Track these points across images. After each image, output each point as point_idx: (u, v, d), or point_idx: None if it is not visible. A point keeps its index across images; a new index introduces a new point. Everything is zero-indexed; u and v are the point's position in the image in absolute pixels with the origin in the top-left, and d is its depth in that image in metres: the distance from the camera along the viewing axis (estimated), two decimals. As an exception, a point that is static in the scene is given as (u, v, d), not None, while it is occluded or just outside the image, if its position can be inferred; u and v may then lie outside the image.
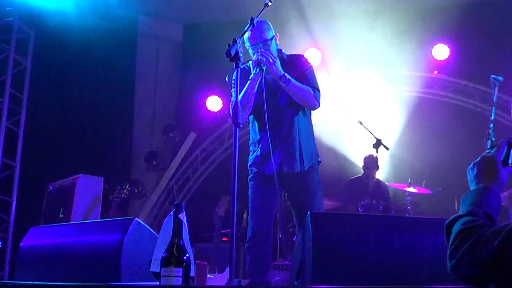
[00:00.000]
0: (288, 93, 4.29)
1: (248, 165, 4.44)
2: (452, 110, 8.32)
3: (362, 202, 6.76)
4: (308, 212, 2.78)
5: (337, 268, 2.71)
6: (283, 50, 4.51)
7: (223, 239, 6.89)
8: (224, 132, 9.14)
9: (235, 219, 3.28)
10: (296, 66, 4.41)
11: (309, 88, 4.29)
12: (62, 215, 6.33)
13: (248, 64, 4.42)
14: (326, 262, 2.70)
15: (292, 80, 4.19)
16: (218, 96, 9.17)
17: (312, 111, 4.50)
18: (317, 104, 4.34)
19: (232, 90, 4.36)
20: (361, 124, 6.69)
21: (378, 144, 6.56)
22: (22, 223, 7.54)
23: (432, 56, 8.45)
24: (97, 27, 8.61)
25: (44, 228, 3.43)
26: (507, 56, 7.83)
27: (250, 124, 4.50)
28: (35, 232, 3.40)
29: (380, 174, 6.58)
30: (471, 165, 1.93)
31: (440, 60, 8.45)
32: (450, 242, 1.72)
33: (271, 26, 4.39)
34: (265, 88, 4.29)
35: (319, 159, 4.45)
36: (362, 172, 7.65)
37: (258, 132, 4.38)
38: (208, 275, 5.80)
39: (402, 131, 7.87)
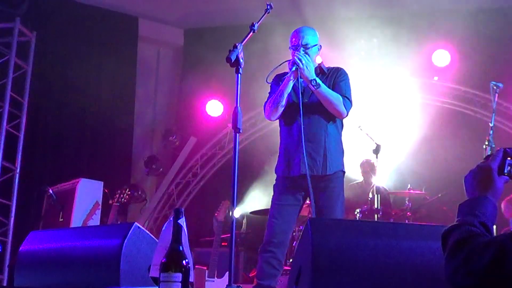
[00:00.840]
0: (317, 99, 4.36)
1: (275, 170, 4.53)
2: (452, 116, 8.33)
3: (361, 208, 6.76)
4: (308, 219, 2.79)
5: (336, 274, 2.70)
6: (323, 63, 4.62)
7: (223, 244, 6.90)
8: (224, 137, 9.15)
9: (234, 224, 3.29)
10: (332, 75, 4.51)
11: (339, 96, 4.36)
12: (62, 219, 6.32)
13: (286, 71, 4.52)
14: (325, 269, 2.70)
15: (322, 85, 4.29)
16: (219, 101, 9.19)
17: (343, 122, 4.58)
18: (345, 113, 4.41)
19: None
20: (361, 129, 6.69)
21: (378, 149, 6.56)
22: (21, 226, 7.54)
23: (433, 62, 8.46)
24: (98, 32, 8.64)
25: (44, 232, 3.43)
26: (508, 63, 7.85)
27: (280, 126, 4.58)
28: (34, 236, 3.40)
29: (380, 180, 6.57)
30: (467, 174, 1.93)
31: (440, 66, 8.47)
32: (446, 253, 1.72)
33: (317, 35, 4.52)
34: (297, 90, 4.41)
35: (344, 170, 4.46)
36: (361, 177, 7.67)
37: (285, 134, 4.46)
38: (207, 280, 5.82)
39: (402, 137, 7.87)
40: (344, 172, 4.49)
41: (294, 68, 4.28)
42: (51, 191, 6.61)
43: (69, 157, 8.28)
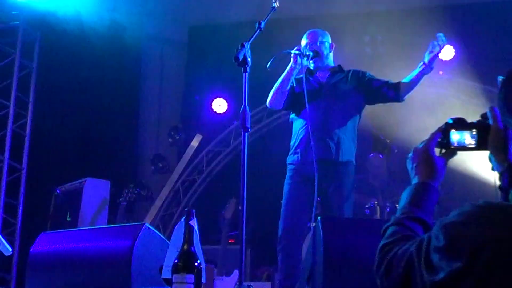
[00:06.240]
0: (334, 92, 4.55)
1: (287, 161, 4.59)
2: (458, 110, 8.29)
3: (369, 204, 6.75)
4: (319, 217, 2.79)
5: (348, 273, 2.70)
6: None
7: (230, 241, 6.91)
8: (230, 133, 9.14)
9: (244, 222, 3.28)
10: (353, 76, 4.72)
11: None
12: (70, 219, 6.34)
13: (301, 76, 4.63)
14: (337, 267, 2.70)
15: None
16: (224, 98, 9.16)
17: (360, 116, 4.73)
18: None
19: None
20: (369, 126, 6.67)
21: (383, 144, 6.55)
22: (29, 226, 7.56)
23: (438, 56, 8.41)
24: (102, 29, 8.62)
25: (54, 234, 3.43)
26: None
27: (294, 120, 4.67)
28: (45, 237, 3.40)
29: (389, 176, 6.56)
30: (407, 158, 1.82)
31: (445, 60, 8.42)
32: (376, 257, 1.63)
33: (328, 35, 4.80)
34: (313, 82, 4.62)
35: (355, 162, 4.53)
36: (368, 172, 7.64)
37: (301, 124, 4.55)
38: (216, 278, 5.82)
39: (408, 132, 7.84)
40: (355, 165, 4.54)
41: (295, 52, 4.43)
42: (58, 191, 6.63)
43: (75, 156, 8.28)
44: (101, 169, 7.69)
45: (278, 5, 3.99)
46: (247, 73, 3.50)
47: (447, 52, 8.36)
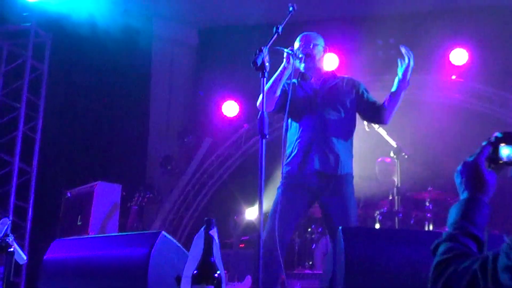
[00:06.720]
0: (330, 100, 4.40)
1: (282, 170, 4.40)
2: (471, 115, 8.23)
3: (381, 210, 6.68)
4: (340, 227, 2.73)
5: (370, 283, 2.65)
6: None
7: (240, 245, 6.86)
8: (240, 137, 9.09)
9: (262, 228, 3.21)
10: (348, 84, 4.53)
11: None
12: (80, 223, 6.31)
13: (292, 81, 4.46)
14: (358, 277, 2.65)
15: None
16: (234, 101, 9.11)
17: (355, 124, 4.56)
18: None
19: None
20: (380, 130, 6.60)
21: (397, 150, 6.47)
22: (38, 229, 7.53)
23: (450, 60, 8.35)
24: (113, 32, 8.60)
25: (68, 241, 3.38)
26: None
27: (289, 127, 4.50)
28: (59, 244, 3.35)
29: (400, 181, 6.48)
30: (456, 172, 1.77)
31: (458, 65, 8.36)
32: (430, 273, 1.60)
33: (322, 39, 4.58)
34: (306, 88, 4.45)
35: (353, 174, 4.40)
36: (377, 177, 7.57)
37: (297, 133, 4.40)
38: (228, 284, 5.76)
39: (422, 137, 7.78)
40: (353, 177, 4.44)
41: (288, 51, 4.21)
42: (68, 194, 6.59)
43: (85, 158, 8.25)
44: (111, 171, 7.66)
45: (295, 8, 3.90)
46: (265, 78, 3.41)
47: (460, 57, 8.30)
